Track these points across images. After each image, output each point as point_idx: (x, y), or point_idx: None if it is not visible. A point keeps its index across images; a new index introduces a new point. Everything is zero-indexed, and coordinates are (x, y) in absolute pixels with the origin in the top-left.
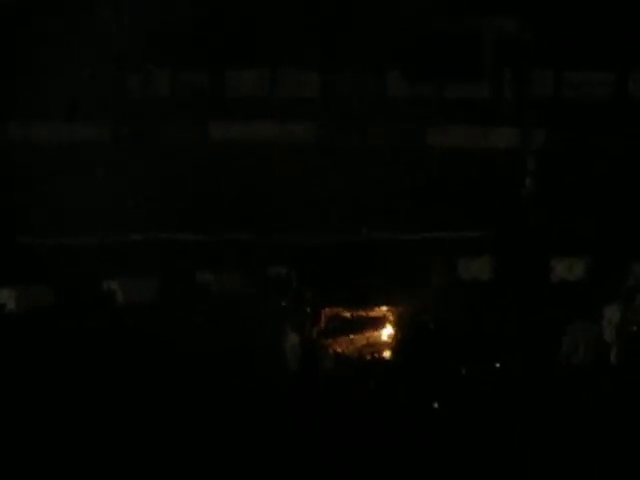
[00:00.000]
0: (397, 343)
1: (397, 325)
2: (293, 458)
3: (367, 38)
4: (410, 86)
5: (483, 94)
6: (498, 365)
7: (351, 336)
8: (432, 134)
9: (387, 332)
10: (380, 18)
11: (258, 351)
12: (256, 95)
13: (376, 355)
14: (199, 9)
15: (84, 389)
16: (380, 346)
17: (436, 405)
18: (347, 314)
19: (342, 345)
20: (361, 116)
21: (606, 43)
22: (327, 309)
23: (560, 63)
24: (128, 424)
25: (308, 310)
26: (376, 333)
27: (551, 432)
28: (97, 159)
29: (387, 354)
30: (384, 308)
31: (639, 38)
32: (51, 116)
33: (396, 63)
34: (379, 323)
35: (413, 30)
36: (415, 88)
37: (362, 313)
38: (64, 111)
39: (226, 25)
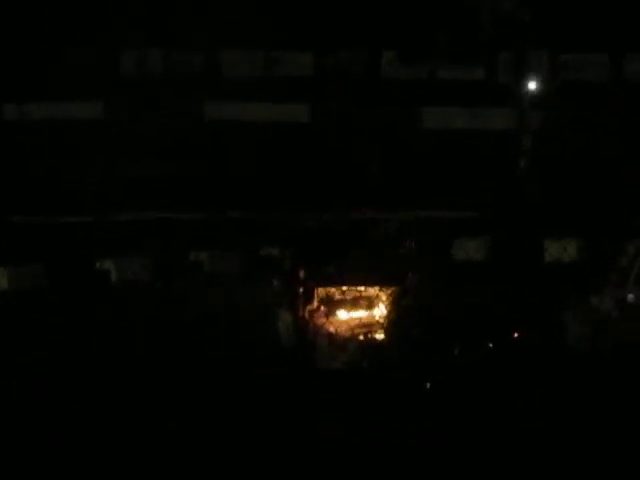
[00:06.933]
0: (390, 323)
1: (390, 305)
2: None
3: (362, 19)
4: (405, 67)
5: (479, 75)
6: (491, 345)
7: (344, 316)
8: (427, 115)
9: (380, 312)
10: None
11: (251, 330)
12: (251, 75)
13: (369, 335)
14: None
15: (78, 371)
16: (373, 326)
17: (428, 385)
18: (340, 294)
19: (335, 325)
20: (354, 97)
21: (603, 24)
22: (320, 289)
23: (557, 44)
24: (122, 407)
25: (301, 290)
26: (369, 313)
27: (543, 413)
28: (91, 138)
29: (380, 334)
30: (377, 288)
31: (636, 19)
32: (46, 96)
33: (391, 44)
34: (372, 303)
35: (409, 11)
36: (410, 69)
37: (355, 293)
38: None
39: (222, 6)
